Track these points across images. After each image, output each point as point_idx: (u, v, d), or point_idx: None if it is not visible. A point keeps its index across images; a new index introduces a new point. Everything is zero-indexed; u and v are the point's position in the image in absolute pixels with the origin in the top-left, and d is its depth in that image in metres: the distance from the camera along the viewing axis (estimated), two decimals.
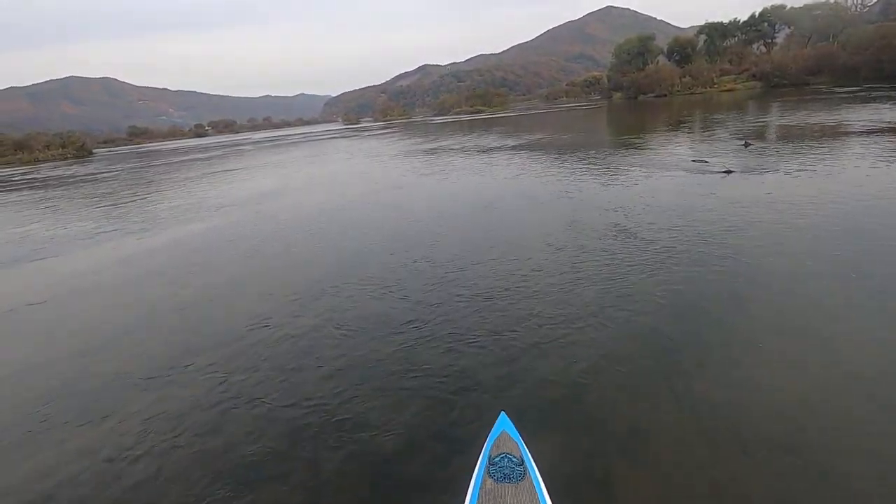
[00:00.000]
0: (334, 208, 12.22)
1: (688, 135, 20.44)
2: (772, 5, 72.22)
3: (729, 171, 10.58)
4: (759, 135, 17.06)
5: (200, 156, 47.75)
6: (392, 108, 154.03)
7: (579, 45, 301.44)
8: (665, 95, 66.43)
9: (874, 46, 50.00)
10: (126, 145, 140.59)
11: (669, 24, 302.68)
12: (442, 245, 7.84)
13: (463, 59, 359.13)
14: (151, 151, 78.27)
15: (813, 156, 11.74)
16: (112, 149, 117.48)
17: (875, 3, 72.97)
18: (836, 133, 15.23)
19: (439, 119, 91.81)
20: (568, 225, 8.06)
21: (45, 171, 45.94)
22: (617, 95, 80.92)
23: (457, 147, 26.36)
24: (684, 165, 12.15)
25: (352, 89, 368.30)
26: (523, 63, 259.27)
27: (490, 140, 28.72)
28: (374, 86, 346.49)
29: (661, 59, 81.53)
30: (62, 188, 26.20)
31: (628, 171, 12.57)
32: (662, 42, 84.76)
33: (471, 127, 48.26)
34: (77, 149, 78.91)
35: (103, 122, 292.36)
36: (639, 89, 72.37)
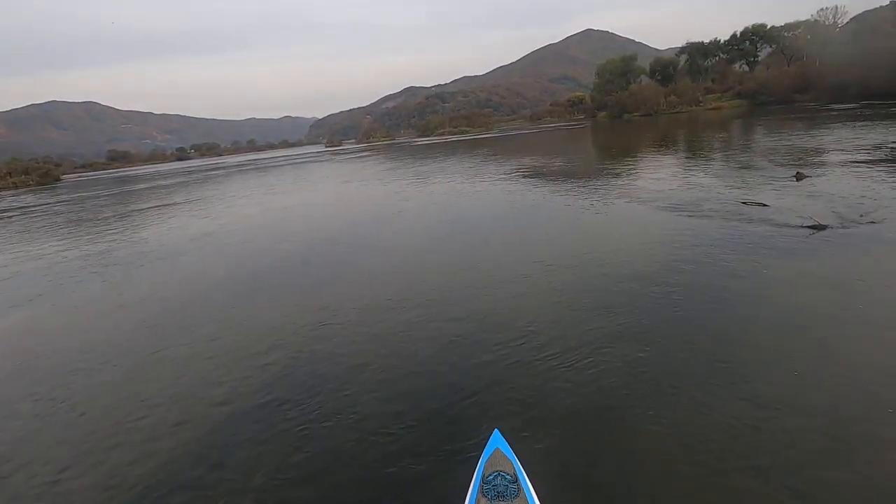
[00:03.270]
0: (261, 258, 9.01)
1: (702, 161, 17.33)
2: (753, 24, 72.84)
3: (820, 226, 7.19)
4: (804, 162, 13.45)
5: (163, 182, 44.28)
6: (376, 129, 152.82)
7: (561, 67, 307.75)
8: (650, 114, 65.31)
9: (862, 64, 49.98)
10: (104, 170, 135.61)
11: (647, 46, 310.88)
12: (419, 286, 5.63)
13: (448, 81, 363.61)
14: (123, 177, 74.82)
15: None
16: (84, 175, 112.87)
17: (847, 22, 74.25)
18: None
19: (423, 140, 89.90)
20: (591, 301, 5.01)
21: None
22: (601, 115, 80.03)
23: (436, 175, 23.50)
24: (732, 209, 8.85)
25: (338, 111, 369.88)
26: (507, 84, 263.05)
27: (473, 166, 25.96)
28: (361, 108, 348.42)
29: (644, 79, 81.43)
30: None
31: (655, 217, 9.28)
32: (643, 62, 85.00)
33: (453, 149, 45.80)
34: (40, 175, 74.75)
35: (87, 147, 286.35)
36: (623, 108, 71.35)
